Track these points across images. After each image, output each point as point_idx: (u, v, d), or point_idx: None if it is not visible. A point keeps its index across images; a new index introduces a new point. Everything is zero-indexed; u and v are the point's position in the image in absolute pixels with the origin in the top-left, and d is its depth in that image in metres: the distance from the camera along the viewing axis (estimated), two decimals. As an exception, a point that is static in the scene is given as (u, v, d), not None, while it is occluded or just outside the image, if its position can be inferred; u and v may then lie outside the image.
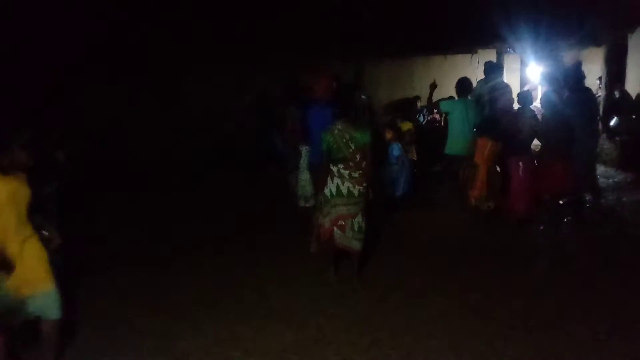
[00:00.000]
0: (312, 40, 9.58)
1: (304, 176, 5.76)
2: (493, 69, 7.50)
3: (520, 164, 5.80)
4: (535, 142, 6.16)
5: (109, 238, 6.25)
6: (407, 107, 10.10)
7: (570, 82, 5.95)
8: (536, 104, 9.86)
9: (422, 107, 9.89)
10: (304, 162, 5.75)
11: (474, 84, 8.22)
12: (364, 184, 4.52)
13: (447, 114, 6.95)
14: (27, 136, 3.24)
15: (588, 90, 6.18)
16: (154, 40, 9.03)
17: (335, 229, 4.55)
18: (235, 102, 9.43)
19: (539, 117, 6.16)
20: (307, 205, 5.84)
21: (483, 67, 7.81)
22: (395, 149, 6.60)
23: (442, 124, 8.76)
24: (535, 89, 10.48)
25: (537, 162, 5.89)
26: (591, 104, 5.99)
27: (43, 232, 3.45)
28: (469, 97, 6.62)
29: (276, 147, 8.01)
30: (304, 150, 5.74)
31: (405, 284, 4.71)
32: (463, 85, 6.60)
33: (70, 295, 4.69)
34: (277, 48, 9.71)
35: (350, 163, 4.45)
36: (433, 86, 7.02)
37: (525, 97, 6.21)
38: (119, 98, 9.59)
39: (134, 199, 7.72)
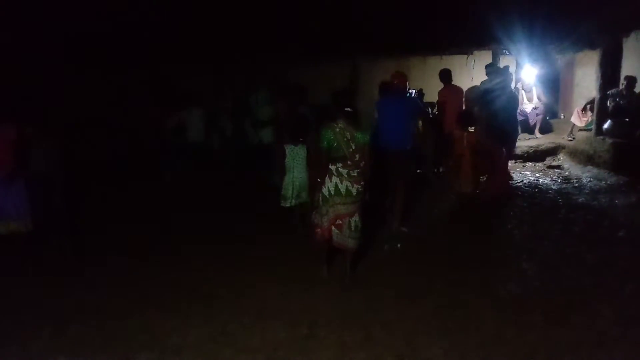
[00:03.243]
0: (306, 38, 9.57)
1: (289, 176, 5.76)
2: (493, 72, 8.04)
3: (504, 150, 6.37)
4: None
5: (101, 231, 6.25)
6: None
7: (501, 83, 7.15)
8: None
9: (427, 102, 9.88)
10: (289, 161, 5.75)
11: (470, 85, 8.42)
12: (362, 183, 4.53)
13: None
14: None
15: (513, 91, 7.52)
16: (147, 36, 9.01)
17: (333, 228, 4.55)
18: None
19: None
20: (288, 205, 5.85)
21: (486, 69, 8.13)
22: None
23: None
24: (531, 90, 10.52)
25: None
26: (514, 103, 7.44)
27: None
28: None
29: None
30: (289, 149, 5.74)
31: (399, 281, 4.72)
32: (386, 87, 6.88)
33: (61, 288, 4.74)
34: (271, 46, 9.70)
35: (349, 162, 4.45)
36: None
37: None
38: (110, 93, 9.59)
39: (128, 192, 7.71)
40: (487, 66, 8.29)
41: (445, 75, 8.03)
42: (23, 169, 5.32)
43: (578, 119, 9.85)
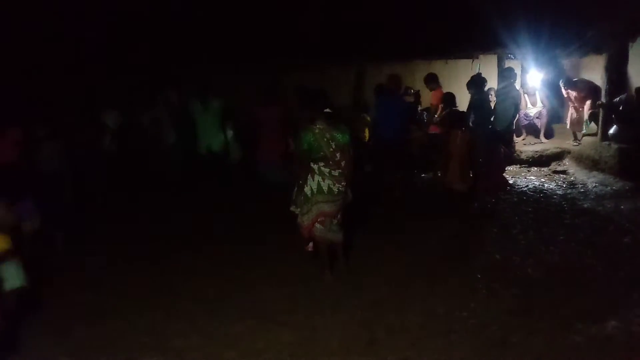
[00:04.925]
0: (313, 42, 9.57)
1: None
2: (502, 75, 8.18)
3: (493, 150, 6.64)
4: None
5: (105, 235, 6.26)
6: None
7: (476, 87, 7.32)
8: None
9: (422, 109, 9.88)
10: None
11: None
12: (343, 183, 4.61)
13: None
14: None
15: (487, 94, 7.74)
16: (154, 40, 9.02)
17: (316, 224, 4.63)
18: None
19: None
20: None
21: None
22: None
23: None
24: (534, 94, 10.48)
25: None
26: (489, 105, 7.46)
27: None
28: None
29: None
30: None
31: (402, 284, 4.70)
32: (381, 89, 7.90)
33: (66, 291, 4.74)
34: (278, 50, 9.70)
35: (330, 162, 4.53)
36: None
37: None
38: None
39: (131, 197, 7.70)
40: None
41: (436, 79, 8.73)
42: (28, 169, 5.35)
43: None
